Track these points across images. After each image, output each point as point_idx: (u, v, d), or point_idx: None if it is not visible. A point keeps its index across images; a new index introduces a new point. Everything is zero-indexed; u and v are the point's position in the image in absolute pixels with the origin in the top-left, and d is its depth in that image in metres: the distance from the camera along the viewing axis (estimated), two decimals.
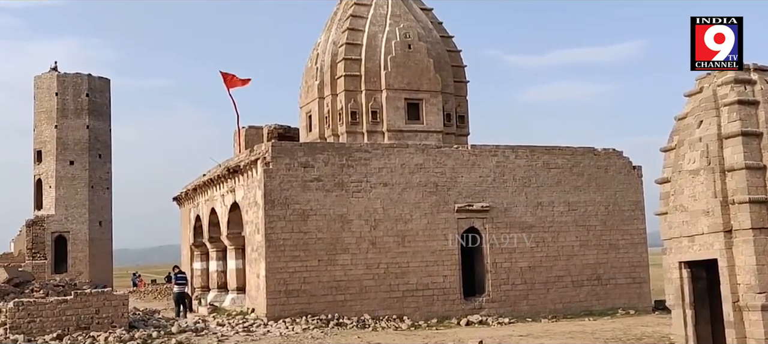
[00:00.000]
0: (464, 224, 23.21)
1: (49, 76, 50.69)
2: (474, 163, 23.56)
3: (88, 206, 49.76)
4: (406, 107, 26.62)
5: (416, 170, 22.86)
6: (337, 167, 22.04)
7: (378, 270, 22.10)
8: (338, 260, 21.69)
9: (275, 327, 19.54)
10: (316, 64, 27.82)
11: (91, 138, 50.49)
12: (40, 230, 48.66)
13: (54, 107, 49.89)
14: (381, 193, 22.42)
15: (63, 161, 49.61)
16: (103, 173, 51.59)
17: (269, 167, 21.42)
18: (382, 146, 23.52)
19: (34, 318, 17.05)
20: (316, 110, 27.39)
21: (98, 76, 52.31)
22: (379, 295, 21.93)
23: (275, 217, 21.28)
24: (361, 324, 20.54)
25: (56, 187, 49.24)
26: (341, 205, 21.93)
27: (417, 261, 22.47)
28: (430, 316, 21.95)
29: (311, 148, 22.64)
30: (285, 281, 21.08)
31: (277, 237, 21.24)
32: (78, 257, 49.46)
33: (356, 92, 26.46)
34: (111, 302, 18.06)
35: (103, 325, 17.56)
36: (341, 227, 21.84)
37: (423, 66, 26.89)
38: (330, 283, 21.48)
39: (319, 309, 21.05)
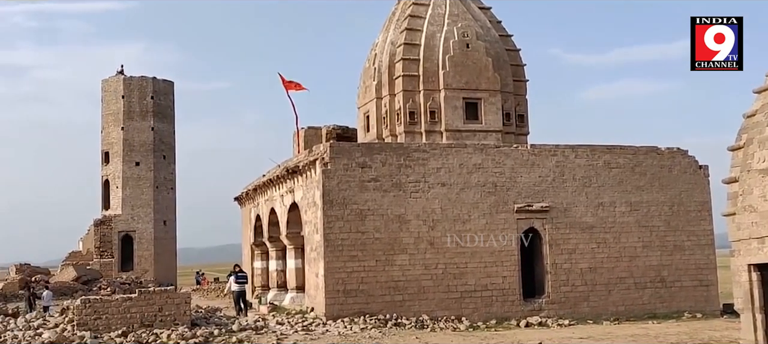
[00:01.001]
0: (523, 225, 22.94)
1: (116, 80, 52.13)
2: (533, 163, 23.26)
3: (153, 206, 50.97)
4: (465, 106, 26.44)
5: (475, 170, 22.68)
6: (394, 168, 22.03)
7: (436, 271, 22.01)
8: (396, 260, 21.68)
9: (334, 326, 19.64)
10: (374, 65, 27.87)
11: (155, 140, 51.73)
12: (107, 229, 50.08)
13: (120, 109, 51.29)
14: (439, 193, 22.32)
15: (129, 162, 50.96)
16: (167, 173, 52.80)
17: (327, 167, 21.55)
18: (440, 145, 23.41)
19: (101, 316, 17.52)
20: (373, 110, 27.44)
21: (162, 79, 53.56)
22: (437, 296, 21.84)
23: (333, 217, 21.39)
24: (420, 325, 20.48)
25: (123, 187, 50.60)
26: (399, 205, 21.92)
27: (475, 262, 22.29)
28: (489, 317, 21.75)
29: (369, 148, 22.69)
30: (343, 280, 21.18)
31: (335, 237, 21.34)
32: (143, 255, 50.72)
33: (414, 91, 26.40)
34: (173, 300, 18.42)
35: (166, 323, 17.92)
36: (399, 227, 21.83)
37: (481, 65, 26.67)
38: (388, 283, 21.49)
39: (377, 309, 21.07)
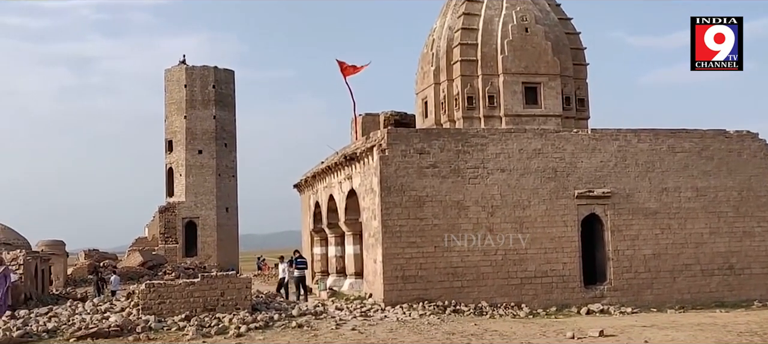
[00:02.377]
0: (584, 211, 22.55)
1: (179, 70, 53.19)
2: (594, 148, 22.81)
3: (216, 193, 51.98)
4: (524, 91, 26.10)
5: (534, 155, 22.38)
6: (453, 153, 21.89)
7: (495, 257, 21.83)
8: (455, 246, 21.58)
9: (392, 312, 19.68)
10: (431, 50, 27.73)
11: (217, 128, 52.66)
12: (171, 215, 51.29)
13: (183, 98, 52.34)
14: (498, 179, 22.11)
15: (192, 150, 52.02)
16: (229, 161, 53.73)
17: (385, 153, 21.55)
18: (499, 131, 23.15)
19: (164, 300, 17.91)
20: (432, 96, 27.31)
21: (223, 69, 54.41)
22: (496, 282, 21.67)
23: (391, 203, 21.39)
24: (478, 311, 20.37)
25: (186, 175, 51.72)
26: (457, 191, 21.78)
27: (535, 248, 22.03)
28: (549, 304, 21.50)
29: (427, 134, 22.59)
30: (402, 267, 21.19)
31: (393, 223, 21.35)
32: (207, 241, 51.82)
33: (473, 76, 26.18)
34: (235, 285, 18.70)
35: (228, 307, 18.22)
36: (457, 213, 21.70)
37: (541, 49, 26.26)
38: (446, 269, 21.41)
39: (436, 296, 21.02)
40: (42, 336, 16.17)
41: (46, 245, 38.72)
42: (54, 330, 16.57)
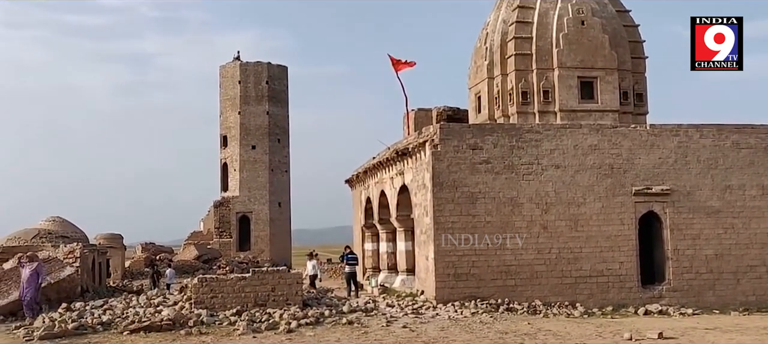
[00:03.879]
0: (642, 208, 21.90)
1: (233, 66, 53.74)
2: (653, 143, 22.13)
3: (269, 188, 52.41)
4: (580, 85, 25.54)
5: (590, 151, 21.83)
6: (506, 149, 21.50)
7: (550, 255, 21.38)
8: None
9: (444, 310, 19.43)
10: (485, 44, 27.34)
11: (270, 124, 53.06)
12: (226, 210, 51.91)
13: (237, 94, 52.88)
14: (553, 175, 21.64)
15: (246, 146, 52.54)
16: (282, 156, 54.11)
17: (437, 149, 21.28)
18: (554, 126, 22.66)
19: (216, 294, 17.99)
20: (485, 90, 26.93)
21: (277, 64, 54.77)
22: (550, 281, 21.22)
23: (443, 199, 21.12)
24: (532, 310, 19.96)
25: (240, 170, 52.26)
26: (511, 188, 21.39)
27: (590, 247, 21.49)
28: (605, 304, 20.94)
29: (480, 129, 22.23)
30: (454, 264, 20.90)
31: (445, 220, 21.08)
32: (260, 236, 52.30)
33: (527, 71, 25.72)
34: (286, 280, 18.68)
35: (279, 302, 18.21)
36: (511, 210, 21.31)
37: (597, 43, 25.65)
38: (499, 267, 21.05)
39: (489, 294, 20.68)
40: (96, 328, 16.37)
41: (104, 239, 39.56)
42: (108, 322, 16.78)
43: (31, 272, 18.51)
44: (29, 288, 18.32)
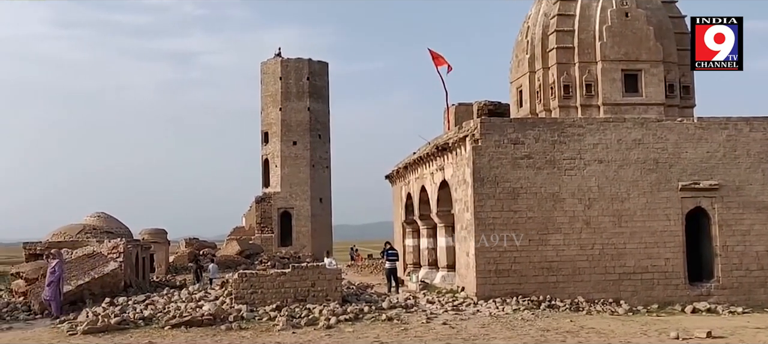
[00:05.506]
0: (689, 204, 21.38)
1: (274, 62, 54.00)
2: (700, 137, 21.57)
3: (310, 184, 52.59)
4: (624, 78, 24.93)
5: (634, 145, 21.37)
6: (548, 144, 21.17)
7: (592, 251, 21.00)
8: (550, 240, 20.88)
9: (485, 306, 19.21)
10: (526, 38, 26.93)
11: (311, 119, 53.21)
12: (267, 206, 52.23)
13: (278, 90, 53.13)
14: (596, 170, 21.24)
15: (287, 142, 52.77)
16: (323, 152, 54.22)
17: (478, 144, 21.04)
18: (597, 120, 22.23)
19: (256, 290, 18.05)
20: (526, 84, 26.53)
21: (317, 60, 54.87)
22: (593, 277, 20.84)
23: (484, 195, 20.89)
24: (575, 307, 19.62)
25: (281, 166, 52.53)
26: (553, 183, 21.06)
27: (635, 243, 21.05)
28: (650, 301, 20.49)
29: (521, 124, 21.92)
30: (495, 260, 20.67)
31: (486, 216, 20.84)
32: (301, 231, 52.52)
33: (569, 64, 25.23)
34: (325, 276, 18.67)
35: (318, 298, 18.21)
36: (553, 205, 20.99)
37: (642, 35, 25.04)
38: (541, 264, 20.75)
39: (530, 290, 20.41)
40: (138, 323, 16.55)
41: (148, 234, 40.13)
42: (150, 317, 16.95)
43: (50, 270, 18.76)
44: (48, 285, 18.57)
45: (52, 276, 18.52)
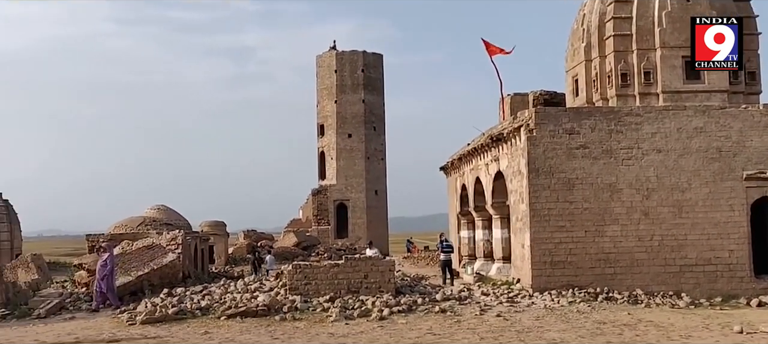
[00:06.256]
0: (755, 194, 20.68)
1: (329, 55, 54.24)
2: (767, 125, 20.82)
3: (365, 176, 52.72)
4: (684, 65, 24.25)
5: (695, 134, 20.77)
6: (605, 133, 20.74)
7: (651, 243, 20.52)
8: (607, 231, 20.48)
9: (540, 298, 18.96)
10: (582, 26, 26.43)
11: (366, 112, 53.30)
12: (323, 198, 52.59)
13: (333, 83, 53.35)
14: (654, 160, 20.72)
15: (342, 134, 52.99)
16: (378, 144, 54.27)
17: (533, 134, 20.75)
18: (655, 108, 21.67)
19: (310, 281, 18.20)
20: (582, 73, 26.05)
21: (372, 53, 54.90)
22: (652, 269, 20.36)
23: (539, 186, 20.60)
24: (633, 300, 19.19)
25: (337, 158, 52.79)
26: (610, 173, 20.63)
27: (696, 234, 20.47)
28: (713, 294, 19.91)
29: (577, 113, 21.52)
30: (550, 252, 20.37)
31: (541, 207, 20.56)
32: (357, 223, 52.72)
33: (627, 52, 24.67)
34: (378, 268, 18.69)
35: (372, 290, 18.24)
36: (610, 196, 20.57)
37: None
38: (598, 255, 20.37)
39: (587, 282, 20.06)
40: (195, 313, 16.86)
41: (208, 226, 40.87)
42: (206, 307, 17.25)
43: (101, 263, 19.19)
44: (103, 278, 19.00)
45: (104, 268, 18.99)
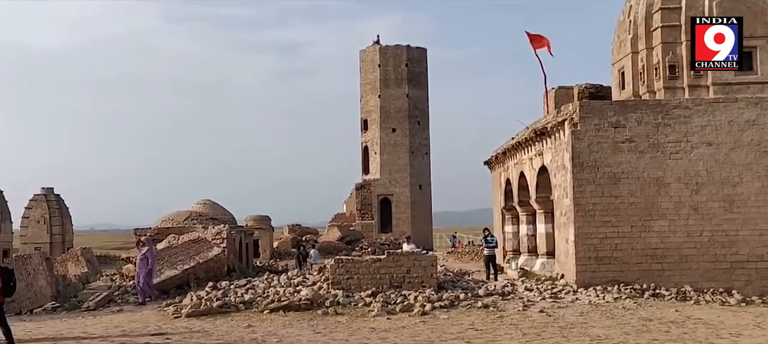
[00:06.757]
0: None
1: (373, 50, 54.30)
2: None
3: (409, 171, 52.70)
4: None
5: (747, 127, 20.23)
6: (651, 127, 20.33)
7: (701, 238, 20.05)
8: (654, 226, 20.08)
9: (584, 294, 18.70)
10: (629, 17, 25.90)
11: (410, 106, 53.25)
12: (367, 192, 52.72)
13: (377, 78, 53.41)
14: (704, 154, 20.24)
15: (386, 129, 53.04)
16: (422, 139, 54.18)
17: (577, 128, 20.45)
18: (705, 101, 21.16)
19: (352, 275, 18.24)
20: (629, 66, 25.53)
21: (416, 47, 54.78)
22: (701, 266, 19.91)
23: (584, 180, 20.30)
24: (681, 297, 18.79)
25: (380, 153, 52.86)
26: (657, 167, 20.23)
27: (748, 230, 19.95)
28: (765, 292, 19.36)
29: (622, 106, 21.14)
30: (595, 247, 20.07)
31: (586, 202, 20.26)
32: (401, 218, 52.74)
33: (675, 43, 24.07)
34: (420, 263, 18.64)
35: (414, 285, 18.20)
36: (657, 191, 20.16)
37: (757, 9, 23.57)
38: (644, 251, 19.99)
39: (633, 278, 19.71)
40: (239, 306, 17.04)
41: (253, 221, 41.29)
42: (250, 301, 17.42)
43: (141, 257, 19.47)
44: (139, 272, 19.29)
45: (143, 262, 19.30)
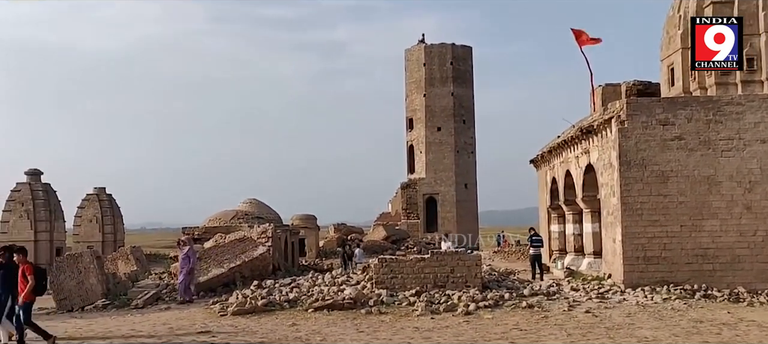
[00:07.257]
0: None
1: (418, 49, 54.24)
2: None
3: (454, 170, 52.51)
4: None
5: None
6: (702, 124, 19.87)
7: (755, 238, 19.53)
8: (704, 226, 19.62)
9: (632, 295, 18.35)
10: (678, 12, 25.37)
11: (455, 105, 53.06)
12: (412, 192, 52.68)
13: (422, 77, 53.33)
14: (758, 151, 19.71)
15: (431, 128, 52.95)
16: (468, 138, 53.93)
17: (624, 125, 20.10)
18: (758, 97, 20.59)
19: (396, 275, 18.21)
20: (679, 61, 25.01)
21: (461, 45, 54.55)
22: (755, 266, 19.38)
23: (631, 179, 19.94)
24: (734, 298, 18.30)
25: (426, 152, 52.79)
26: (707, 165, 19.76)
27: None
28: None
29: (671, 103, 20.70)
30: (643, 247, 19.70)
31: (633, 200, 19.89)
32: (446, 217, 52.59)
33: None
34: (465, 262, 18.53)
35: (458, 284, 18.10)
36: (707, 189, 19.70)
37: None
38: (694, 251, 19.54)
39: (682, 279, 19.28)
40: (283, 305, 17.16)
41: (299, 220, 41.60)
42: (294, 300, 17.53)
43: (183, 256, 19.68)
44: (181, 271, 19.50)
45: (185, 262, 19.53)
